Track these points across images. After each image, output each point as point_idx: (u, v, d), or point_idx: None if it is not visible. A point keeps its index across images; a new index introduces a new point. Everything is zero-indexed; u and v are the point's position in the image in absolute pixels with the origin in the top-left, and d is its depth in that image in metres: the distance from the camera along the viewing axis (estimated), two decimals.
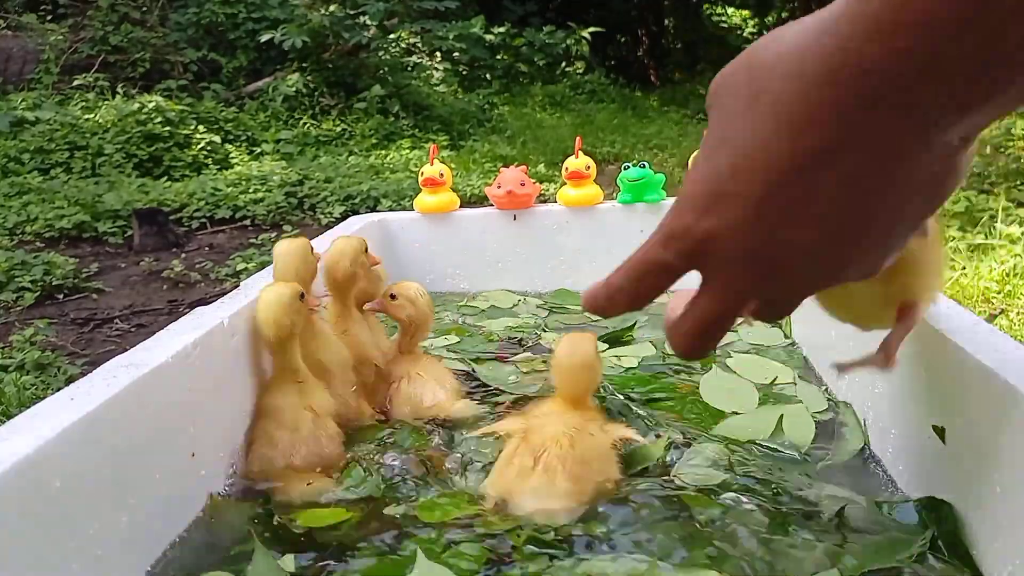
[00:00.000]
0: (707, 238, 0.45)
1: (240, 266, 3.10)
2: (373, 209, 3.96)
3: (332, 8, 6.49)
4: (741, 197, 0.44)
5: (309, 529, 0.80)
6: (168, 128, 5.29)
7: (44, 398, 0.71)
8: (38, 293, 2.82)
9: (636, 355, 1.27)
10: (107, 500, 0.69)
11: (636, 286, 0.51)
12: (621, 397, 1.05)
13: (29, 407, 0.68)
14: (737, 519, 0.77)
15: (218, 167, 5.26)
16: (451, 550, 0.74)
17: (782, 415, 1.01)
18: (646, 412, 1.02)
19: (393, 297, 1.09)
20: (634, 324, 1.35)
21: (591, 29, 8.63)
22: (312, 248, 1.06)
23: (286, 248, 1.03)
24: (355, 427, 1.01)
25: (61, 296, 2.86)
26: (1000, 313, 2.05)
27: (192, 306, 1.39)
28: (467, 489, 0.86)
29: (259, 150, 5.67)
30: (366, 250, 1.12)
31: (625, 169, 1.70)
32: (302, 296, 0.94)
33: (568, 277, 1.59)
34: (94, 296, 2.89)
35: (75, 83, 5.96)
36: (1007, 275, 2.29)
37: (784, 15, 10.74)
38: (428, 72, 7.59)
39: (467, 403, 1.07)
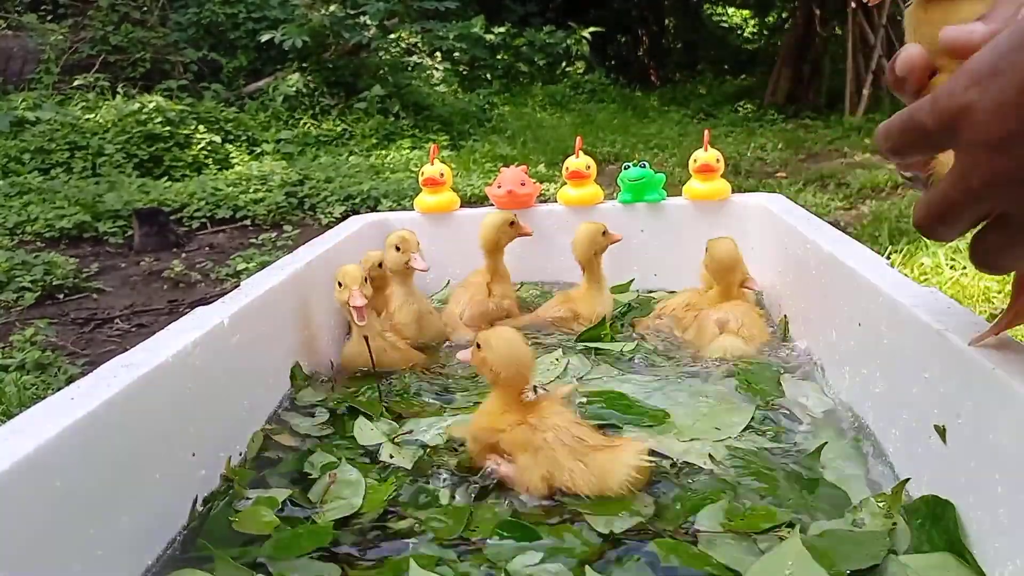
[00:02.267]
0: (966, 108, 0.43)
1: (240, 266, 3.10)
2: (373, 209, 3.96)
3: (332, 8, 6.49)
4: (1016, 75, 0.40)
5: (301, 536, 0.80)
6: (168, 128, 5.29)
7: (44, 398, 0.71)
8: (38, 293, 2.82)
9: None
10: (108, 500, 0.69)
11: (898, 138, 0.51)
12: None
13: (29, 407, 0.68)
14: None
15: (218, 167, 5.26)
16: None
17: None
18: None
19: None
20: (604, 321, 1.36)
21: (591, 29, 8.64)
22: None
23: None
24: None
25: (61, 296, 2.87)
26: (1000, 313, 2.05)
27: (192, 306, 1.39)
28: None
29: (259, 150, 5.67)
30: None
31: (625, 169, 1.70)
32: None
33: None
34: (94, 296, 2.89)
35: (75, 83, 5.96)
36: (1007, 275, 2.29)
37: (784, 15, 10.73)
38: (428, 72, 7.60)
39: None
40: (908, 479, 0.78)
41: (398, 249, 1.39)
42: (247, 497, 0.84)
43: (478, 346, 0.95)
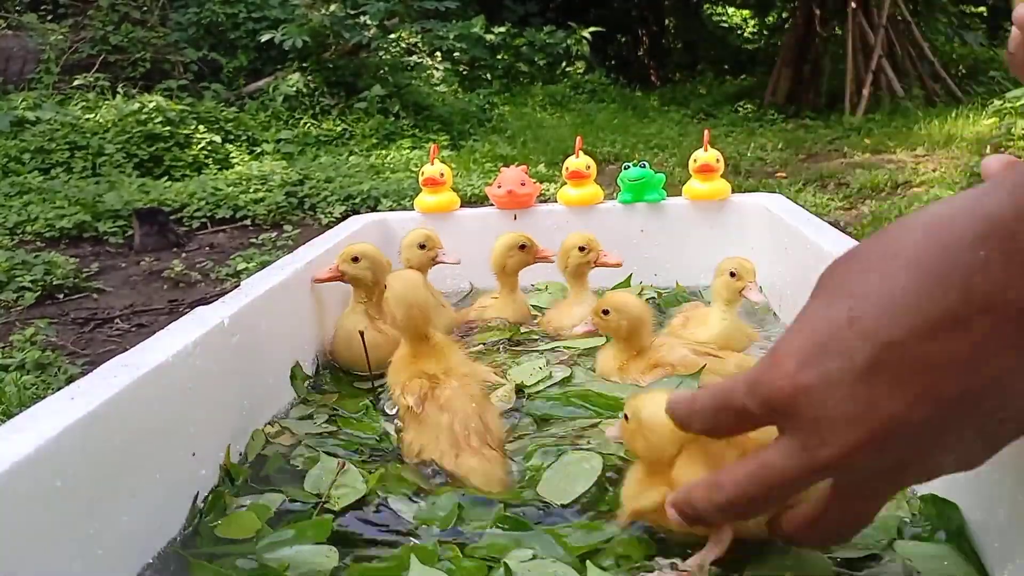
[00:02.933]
0: (801, 392, 0.40)
1: (240, 266, 3.10)
2: (373, 209, 3.97)
3: (332, 8, 6.49)
4: (855, 353, 0.38)
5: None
6: (168, 128, 5.29)
7: (44, 398, 0.71)
8: (38, 293, 2.82)
9: None
10: (107, 500, 0.69)
11: (713, 419, 0.48)
12: None
13: (29, 407, 0.68)
14: None
15: (218, 167, 5.27)
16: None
17: None
18: None
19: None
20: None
21: (591, 29, 8.64)
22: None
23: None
24: None
25: (61, 296, 2.87)
26: None
27: (192, 306, 1.39)
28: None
29: (259, 150, 5.67)
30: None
31: (625, 169, 1.70)
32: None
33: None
34: (94, 296, 2.89)
35: (75, 83, 5.97)
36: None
37: (784, 15, 10.73)
38: (428, 72, 7.59)
39: None
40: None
41: (422, 247, 1.40)
42: (242, 505, 0.84)
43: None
